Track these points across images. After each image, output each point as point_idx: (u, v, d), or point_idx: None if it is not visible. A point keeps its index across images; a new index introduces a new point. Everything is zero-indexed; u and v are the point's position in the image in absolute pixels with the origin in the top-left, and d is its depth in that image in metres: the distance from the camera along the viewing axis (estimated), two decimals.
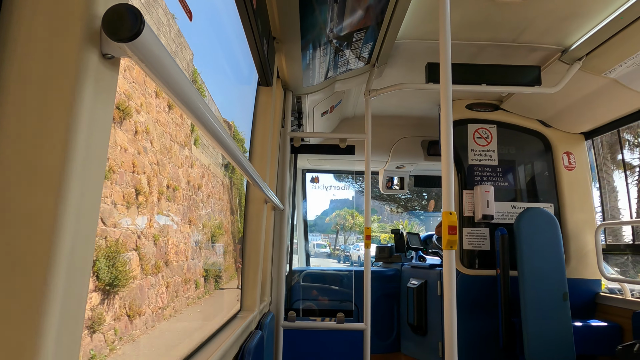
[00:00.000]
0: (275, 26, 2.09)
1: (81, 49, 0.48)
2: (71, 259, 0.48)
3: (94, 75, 0.50)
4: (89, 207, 0.51)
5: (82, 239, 0.51)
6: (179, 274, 3.04)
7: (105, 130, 0.54)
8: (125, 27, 0.47)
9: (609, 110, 3.02)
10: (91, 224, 0.52)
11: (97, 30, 0.50)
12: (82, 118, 0.49)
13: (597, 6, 2.19)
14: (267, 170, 2.26)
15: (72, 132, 0.48)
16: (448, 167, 1.66)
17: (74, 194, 0.48)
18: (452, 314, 1.57)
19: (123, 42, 0.48)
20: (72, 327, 0.50)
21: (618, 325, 2.96)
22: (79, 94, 0.48)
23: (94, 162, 0.52)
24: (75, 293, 0.49)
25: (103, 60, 0.52)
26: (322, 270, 4.26)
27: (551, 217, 3.04)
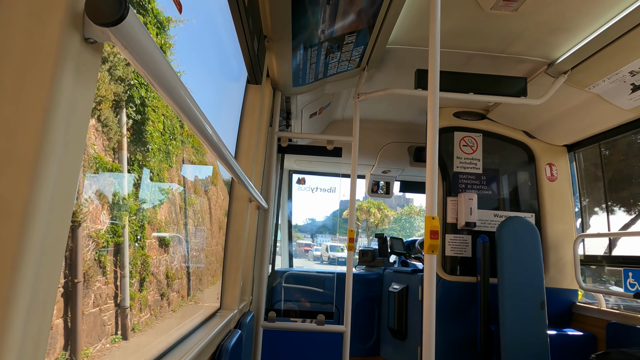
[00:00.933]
0: (266, 24, 2.09)
1: (62, 32, 0.47)
2: (42, 247, 0.47)
3: (75, 59, 0.49)
4: (64, 196, 0.50)
5: (55, 229, 0.49)
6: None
7: (84, 116, 0.53)
8: (109, 11, 0.46)
9: (592, 124, 3.09)
10: (65, 214, 0.51)
11: (79, 13, 0.49)
12: (61, 103, 0.48)
13: (583, 22, 2.24)
14: (252, 168, 2.25)
15: (50, 117, 0.47)
16: (432, 172, 1.67)
17: (49, 182, 0.47)
18: (431, 317, 1.59)
19: (106, 26, 0.47)
20: (39, 323, 0.48)
21: (593, 335, 3.02)
22: (59, 78, 0.47)
23: (72, 149, 0.51)
24: (44, 285, 0.48)
25: (85, 45, 0.51)
26: (305, 271, 4.25)
27: (532, 226, 3.09)
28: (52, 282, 0.50)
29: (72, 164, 0.51)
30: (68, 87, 0.48)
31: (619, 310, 2.96)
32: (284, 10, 1.92)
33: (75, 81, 0.50)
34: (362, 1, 2.04)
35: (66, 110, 0.49)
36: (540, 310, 2.91)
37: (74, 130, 0.51)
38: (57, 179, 0.48)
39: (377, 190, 4.86)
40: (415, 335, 3.52)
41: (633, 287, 2.87)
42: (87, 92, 0.53)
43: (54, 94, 0.47)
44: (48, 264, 0.48)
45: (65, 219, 0.51)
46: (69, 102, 0.49)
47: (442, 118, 3.54)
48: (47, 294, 0.49)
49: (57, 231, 0.50)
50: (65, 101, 0.48)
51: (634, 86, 2.50)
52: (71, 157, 0.51)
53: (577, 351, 2.98)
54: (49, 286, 0.49)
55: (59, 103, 0.48)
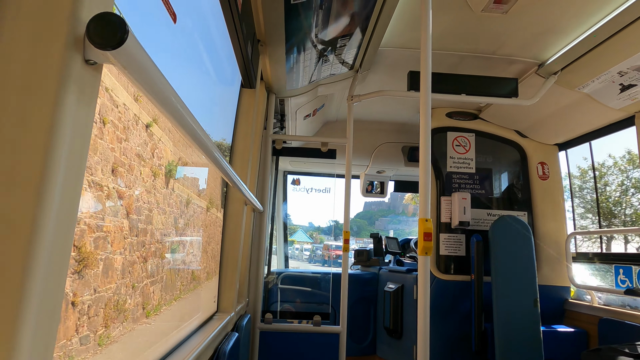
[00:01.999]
0: (260, 29, 2.10)
1: (64, 55, 0.49)
2: (48, 263, 0.48)
3: (76, 80, 0.50)
4: (67, 214, 0.52)
5: (59, 246, 0.51)
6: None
7: (86, 136, 0.54)
8: (109, 36, 0.48)
9: (582, 123, 3.13)
10: (68, 232, 0.52)
11: (80, 36, 0.50)
12: (63, 123, 0.49)
13: (572, 23, 2.27)
14: (247, 171, 2.27)
15: (53, 137, 0.48)
16: (425, 174, 1.69)
17: (52, 200, 0.48)
18: (425, 318, 1.61)
19: (106, 49, 0.48)
20: (48, 327, 0.50)
21: (585, 331, 3.07)
22: (61, 99, 0.49)
23: (74, 168, 0.52)
24: (50, 300, 0.50)
25: (86, 66, 0.52)
26: (300, 272, 4.27)
27: (524, 225, 3.13)
28: (57, 298, 0.51)
29: (74, 182, 0.52)
30: (70, 107, 0.50)
31: (611, 306, 3.01)
32: (277, 14, 1.93)
33: (77, 101, 0.51)
34: (355, 4, 2.06)
35: (68, 130, 0.50)
36: (534, 308, 2.95)
37: (76, 149, 0.52)
38: (61, 197, 0.50)
39: (371, 190, 4.89)
40: (410, 334, 3.55)
41: (624, 284, 2.91)
42: (88, 111, 0.54)
43: (56, 114, 0.48)
44: (53, 282, 0.50)
45: (68, 236, 0.52)
46: (71, 122, 0.50)
47: (435, 118, 3.57)
48: (53, 310, 0.51)
49: (61, 248, 0.51)
50: (67, 121, 0.50)
51: (622, 86, 2.54)
52: (74, 176, 0.52)
53: (569, 347, 3.03)
54: (54, 304, 0.51)
55: (62, 123, 0.49)
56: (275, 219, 4.65)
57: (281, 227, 4.94)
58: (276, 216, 4.76)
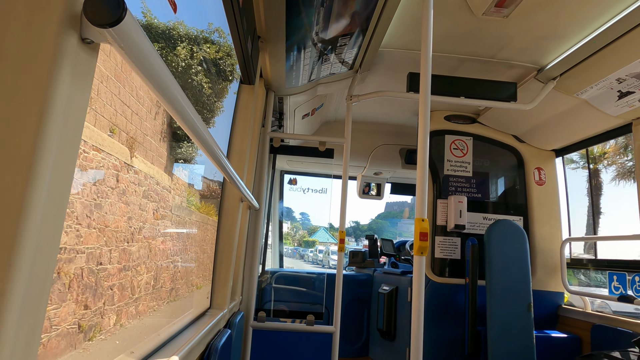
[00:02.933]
0: (260, 25, 2.10)
1: (60, 32, 0.48)
2: (38, 243, 0.48)
3: (71, 59, 0.50)
4: (59, 194, 0.51)
5: (50, 226, 0.50)
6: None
7: (80, 115, 0.53)
8: (107, 13, 0.47)
9: (579, 130, 3.14)
10: (60, 212, 0.52)
11: (77, 14, 0.49)
12: (57, 102, 0.48)
13: (572, 30, 2.28)
14: (244, 168, 2.26)
15: (47, 115, 0.47)
16: (423, 175, 1.69)
17: (44, 179, 0.48)
18: (419, 318, 1.60)
19: (103, 27, 0.48)
20: (32, 322, 0.49)
21: (578, 337, 3.07)
22: (56, 78, 0.48)
23: (67, 147, 0.51)
24: (38, 282, 0.49)
25: (82, 45, 0.51)
26: (295, 272, 4.26)
27: (520, 229, 3.14)
28: (46, 279, 0.50)
29: (67, 162, 0.52)
30: (65, 86, 0.49)
31: (604, 312, 3.01)
32: (278, 11, 1.93)
33: (72, 81, 0.50)
34: (356, 4, 2.06)
35: (62, 109, 0.49)
36: (527, 313, 2.95)
37: (69, 129, 0.51)
38: (52, 176, 0.49)
39: (368, 191, 4.89)
40: (403, 336, 3.55)
41: (617, 290, 2.92)
42: (83, 91, 0.53)
43: (50, 93, 0.48)
44: (43, 261, 0.49)
45: (59, 217, 0.52)
46: (65, 102, 0.50)
47: (434, 121, 3.57)
48: (42, 291, 0.50)
49: (51, 228, 0.50)
50: (61, 100, 0.49)
51: (620, 93, 2.55)
52: (66, 156, 0.51)
53: (562, 353, 3.03)
54: (43, 283, 0.50)
55: (56, 102, 0.48)
56: (271, 218, 4.64)
57: (277, 226, 4.93)
58: (272, 215, 4.75)
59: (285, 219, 52.70)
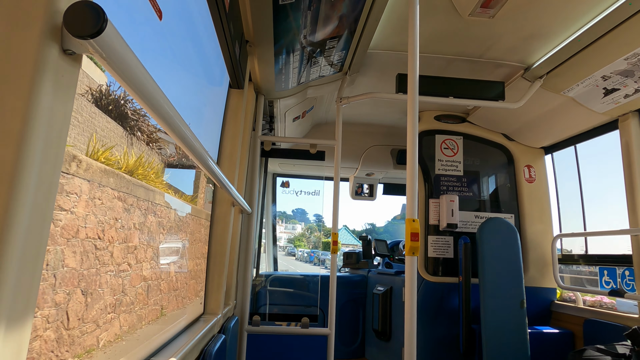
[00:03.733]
0: (248, 29, 2.10)
1: (40, 44, 0.48)
2: (22, 255, 0.47)
3: (53, 70, 0.50)
4: (43, 205, 0.51)
5: (34, 238, 0.50)
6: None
7: (63, 128, 0.53)
8: (87, 24, 0.47)
9: (567, 127, 3.18)
10: (44, 224, 0.51)
11: (58, 25, 0.49)
12: (39, 113, 0.48)
13: (557, 29, 2.31)
14: (235, 173, 2.25)
15: (29, 127, 0.47)
16: (412, 175, 1.70)
17: (28, 191, 0.47)
18: (412, 318, 1.61)
19: (84, 39, 0.48)
20: (20, 329, 0.49)
21: (571, 332, 3.10)
22: (37, 90, 0.48)
23: (50, 158, 0.51)
24: (22, 298, 0.49)
25: (63, 56, 0.51)
26: (289, 274, 4.25)
27: (511, 227, 3.16)
28: (31, 293, 0.50)
29: (51, 173, 0.52)
30: (47, 98, 0.49)
31: (595, 307, 3.04)
32: (265, 15, 1.93)
33: (54, 92, 0.50)
34: (343, 7, 2.07)
35: (45, 121, 0.49)
36: (520, 309, 2.97)
37: (52, 140, 0.51)
38: (36, 188, 0.49)
39: (361, 192, 4.90)
40: (399, 337, 3.56)
41: (608, 285, 2.96)
42: (66, 102, 0.53)
43: (32, 104, 0.48)
44: (28, 273, 0.49)
45: (44, 228, 0.51)
46: (48, 113, 0.50)
47: (424, 121, 3.59)
48: (26, 307, 0.49)
49: (36, 240, 0.50)
50: (43, 112, 0.49)
51: (606, 90, 2.58)
52: (50, 166, 0.51)
53: (556, 348, 3.06)
54: (28, 297, 0.49)
55: (38, 114, 0.48)
56: (264, 221, 4.63)
57: (270, 229, 4.92)
58: (265, 218, 4.74)
59: (297, 220, 50.46)
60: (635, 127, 2.69)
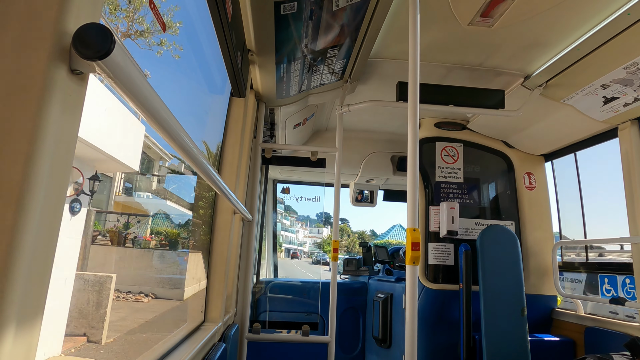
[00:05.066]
0: (250, 39, 2.11)
1: (49, 65, 0.49)
2: (29, 276, 0.48)
3: (61, 90, 0.50)
4: (50, 225, 0.51)
5: (41, 259, 0.50)
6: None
7: (70, 146, 0.54)
8: (95, 47, 0.48)
9: (567, 135, 3.19)
10: (51, 244, 0.52)
11: (67, 46, 0.50)
12: (47, 132, 0.49)
13: (556, 37, 2.33)
14: (236, 181, 2.26)
15: (36, 146, 0.48)
16: (413, 183, 1.71)
17: (35, 210, 0.48)
18: (413, 327, 1.61)
19: (92, 60, 0.49)
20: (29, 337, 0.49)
21: (572, 340, 3.09)
22: (45, 109, 0.49)
23: (58, 177, 0.52)
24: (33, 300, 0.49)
25: (71, 76, 0.52)
26: (289, 281, 4.25)
27: (512, 234, 3.16)
28: (40, 298, 0.51)
29: (58, 192, 0.52)
30: (55, 117, 0.50)
31: (597, 315, 3.04)
32: (267, 25, 1.95)
33: (62, 111, 0.51)
34: (344, 16, 2.09)
35: (52, 140, 0.50)
36: (521, 317, 2.97)
37: (60, 159, 0.52)
38: (43, 206, 0.49)
39: (361, 199, 4.91)
40: (399, 344, 3.55)
41: (609, 293, 2.95)
42: (73, 121, 0.54)
43: (40, 124, 0.48)
44: (35, 293, 0.49)
45: (50, 249, 0.52)
46: (55, 132, 0.50)
47: (424, 128, 3.60)
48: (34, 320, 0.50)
49: (43, 261, 0.51)
50: (51, 131, 0.50)
51: (605, 99, 2.60)
52: (57, 186, 0.52)
53: (556, 357, 3.05)
54: (38, 299, 0.50)
55: (46, 133, 0.49)
56: (265, 228, 4.63)
57: (270, 236, 4.92)
58: (265, 225, 4.74)
59: (320, 222, 48.59)
60: (635, 135, 2.70)
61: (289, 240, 54.63)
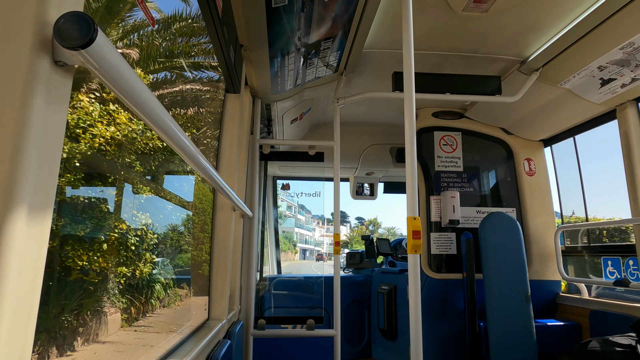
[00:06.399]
0: (242, 33, 2.10)
1: (31, 57, 0.48)
2: (20, 270, 0.47)
3: (45, 82, 0.49)
4: (40, 221, 0.50)
5: (32, 255, 0.49)
6: None
7: (57, 140, 0.53)
8: (78, 35, 0.47)
9: (565, 119, 3.18)
10: (42, 240, 0.51)
11: (48, 37, 0.49)
12: (33, 126, 0.48)
13: (551, 21, 2.31)
14: (234, 177, 2.25)
15: (23, 140, 0.47)
16: (412, 173, 1.70)
17: (24, 205, 0.47)
18: (417, 317, 1.61)
19: (75, 49, 0.48)
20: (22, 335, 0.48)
21: (577, 324, 3.09)
22: (30, 102, 0.48)
23: (46, 170, 0.51)
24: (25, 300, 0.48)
25: (55, 68, 0.51)
26: (293, 277, 4.25)
27: (513, 221, 3.16)
28: (33, 297, 0.50)
29: (47, 184, 0.51)
30: (39, 110, 0.49)
31: (601, 298, 3.04)
32: (259, 19, 1.93)
33: (47, 104, 0.50)
34: (336, 7, 2.07)
35: (38, 133, 0.49)
36: (526, 303, 2.97)
37: (47, 152, 0.51)
38: (32, 199, 0.49)
39: (361, 192, 4.90)
40: (406, 335, 3.55)
41: (612, 275, 2.95)
42: (59, 114, 0.53)
43: (25, 117, 0.47)
44: (29, 278, 0.49)
45: (43, 238, 0.51)
46: (41, 125, 0.49)
47: (421, 118, 3.59)
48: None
49: (36, 248, 0.50)
50: (37, 124, 0.49)
51: (602, 80, 2.58)
52: (46, 181, 0.51)
53: (562, 341, 3.05)
54: (31, 299, 0.49)
55: (31, 126, 0.48)
56: (266, 225, 4.63)
57: (272, 232, 4.92)
58: (267, 221, 4.74)
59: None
60: (634, 116, 2.69)
61: (304, 239, 49.83)
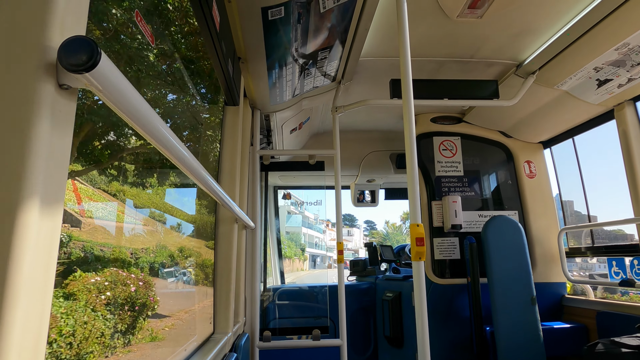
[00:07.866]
0: (240, 46, 2.11)
1: (36, 81, 0.48)
2: (29, 293, 0.47)
3: (50, 106, 0.50)
4: (47, 248, 0.50)
5: (40, 279, 0.49)
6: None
7: (63, 160, 0.53)
8: (82, 59, 0.47)
9: (564, 120, 3.19)
10: (50, 262, 0.51)
11: (52, 61, 0.50)
12: (38, 149, 0.48)
13: (545, 23, 2.33)
14: (236, 189, 2.25)
15: (29, 164, 0.47)
16: (413, 179, 1.70)
17: (31, 229, 0.47)
18: (423, 323, 1.60)
19: (80, 73, 0.48)
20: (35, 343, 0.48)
21: (584, 325, 3.07)
22: (35, 126, 0.48)
23: (52, 193, 0.51)
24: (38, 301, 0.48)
25: (60, 91, 0.52)
26: (297, 287, 4.23)
27: (516, 224, 3.15)
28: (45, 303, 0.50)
29: (53, 207, 0.52)
30: (45, 133, 0.49)
31: (607, 299, 3.02)
32: (256, 31, 1.95)
33: (52, 127, 0.50)
34: (332, 17, 2.09)
35: (44, 156, 0.49)
36: (531, 306, 2.95)
37: (53, 175, 0.51)
38: (40, 222, 0.49)
39: (362, 199, 4.89)
40: (412, 342, 3.53)
41: (618, 275, 2.94)
42: (65, 136, 0.53)
43: (31, 141, 0.48)
44: (39, 294, 0.49)
45: (50, 269, 0.51)
46: (47, 148, 0.50)
47: (420, 124, 3.60)
48: None
49: (41, 284, 0.50)
50: (42, 147, 0.49)
51: (599, 81, 2.59)
52: (53, 204, 0.51)
53: (570, 343, 3.03)
54: (43, 300, 0.49)
55: (37, 149, 0.48)
56: (268, 235, 4.62)
57: (275, 242, 4.91)
58: (269, 232, 4.73)
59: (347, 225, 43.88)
60: (631, 115, 2.70)
61: (314, 243, 42.96)
